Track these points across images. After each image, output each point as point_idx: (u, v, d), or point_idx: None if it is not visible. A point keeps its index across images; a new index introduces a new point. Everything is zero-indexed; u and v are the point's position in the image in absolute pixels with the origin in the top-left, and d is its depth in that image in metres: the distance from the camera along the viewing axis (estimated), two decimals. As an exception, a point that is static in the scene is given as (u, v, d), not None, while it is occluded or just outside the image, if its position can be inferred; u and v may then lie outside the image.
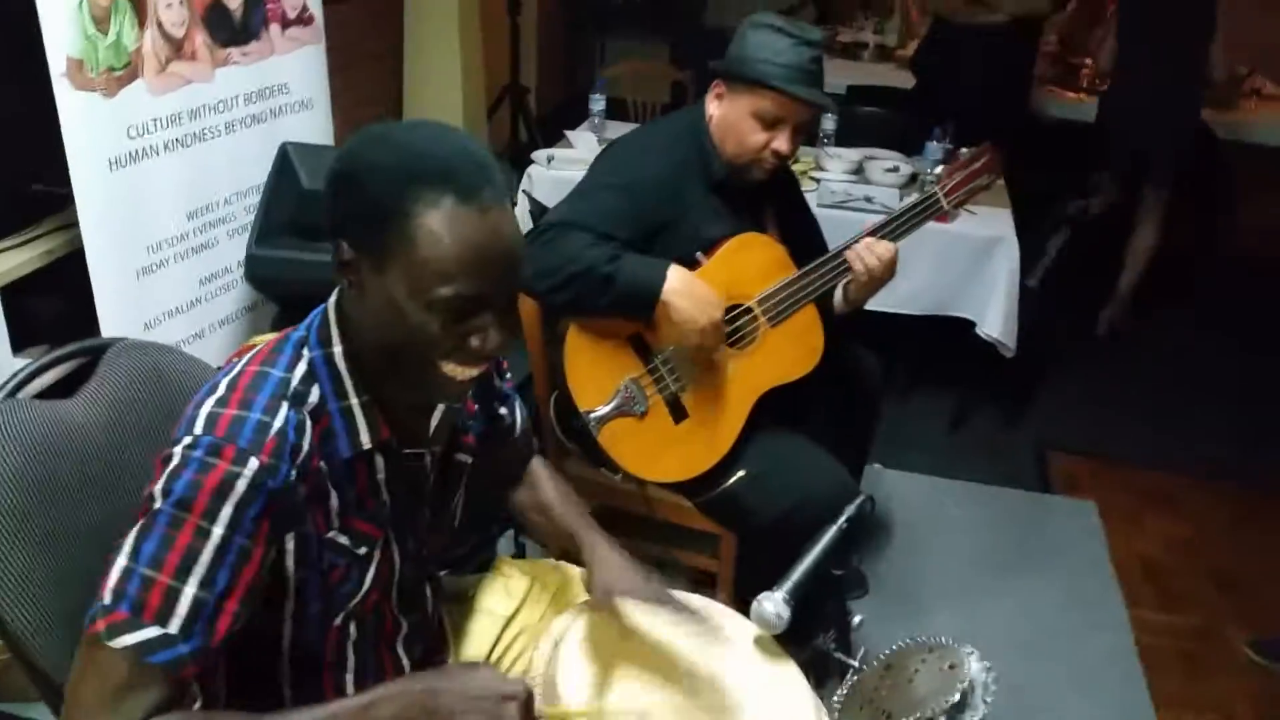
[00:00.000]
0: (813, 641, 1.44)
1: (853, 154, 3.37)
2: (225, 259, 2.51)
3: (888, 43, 4.98)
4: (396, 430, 1.11)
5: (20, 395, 1.28)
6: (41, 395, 1.32)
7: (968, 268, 3.01)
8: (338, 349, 1.06)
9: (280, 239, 2.47)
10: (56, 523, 1.22)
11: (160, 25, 2.16)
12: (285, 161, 2.49)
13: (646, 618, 1.29)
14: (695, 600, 1.40)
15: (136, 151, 2.16)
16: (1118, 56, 3.89)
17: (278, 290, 2.51)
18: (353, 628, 1.15)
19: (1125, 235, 4.15)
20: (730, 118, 1.84)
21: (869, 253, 1.85)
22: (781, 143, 1.81)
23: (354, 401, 1.06)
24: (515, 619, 1.45)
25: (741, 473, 1.88)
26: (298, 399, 1.03)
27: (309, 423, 1.03)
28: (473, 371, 1.04)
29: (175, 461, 0.97)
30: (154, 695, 0.93)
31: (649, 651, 1.28)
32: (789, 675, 1.32)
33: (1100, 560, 2.80)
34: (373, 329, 1.03)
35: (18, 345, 2.14)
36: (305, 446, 1.02)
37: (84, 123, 2.02)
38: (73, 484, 1.27)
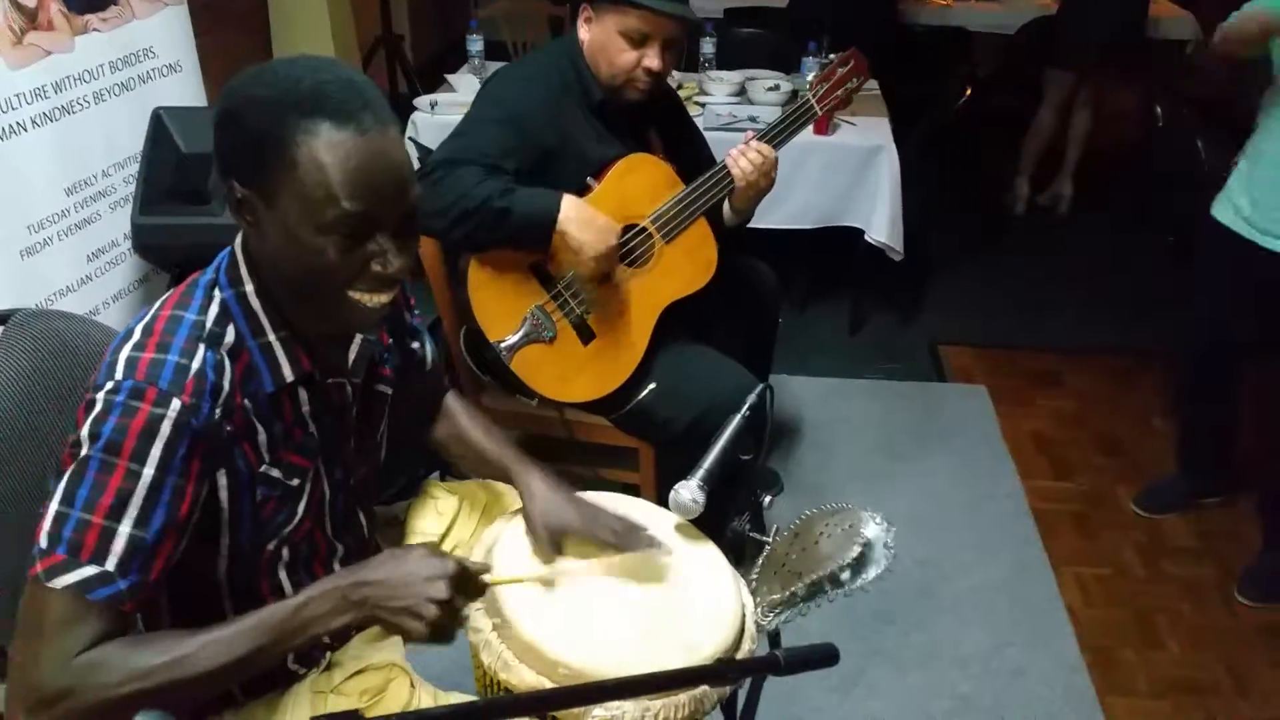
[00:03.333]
0: (729, 525, 1.54)
1: (734, 76, 3.44)
2: (111, 232, 2.46)
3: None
4: (317, 363, 1.14)
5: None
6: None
7: (852, 178, 3.13)
8: (249, 287, 1.09)
9: (164, 205, 2.42)
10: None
11: (13, -2, 2.09)
12: (160, 127, 2.44)
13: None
14: (623, 503, 1.48)
15: (3, 129, 2.10)
16: None
17: (168, 258, 2.47)
18: (285, 552, 1.19)
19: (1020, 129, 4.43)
20: (600, 39, 1.88)
21: (743, 157, 1.92)
22: (652, 59, 1.86)
23: (272, 338, 1.09)
24: (448, 537, 1.51)
25: (652, 386, 1.97)
26: (214, 339, 1.05)
27: (228, 362, 1.06)
28: (381, 298, 1.07)
29: (99, 407, 0.99)
30: (94, 629, 0.96)
31: (576, 543, 1.36)
32: (709, 553, 1.42)
33: (994, 438, 3.00)
34: (277, 264, 1.05)
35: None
36: (226, 385, 1.05)
37: (-58, 102, 1.96)
38: (-10, 452, 1.28)
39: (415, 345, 1.41)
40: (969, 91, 3.46)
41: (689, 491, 1.38)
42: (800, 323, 3.56)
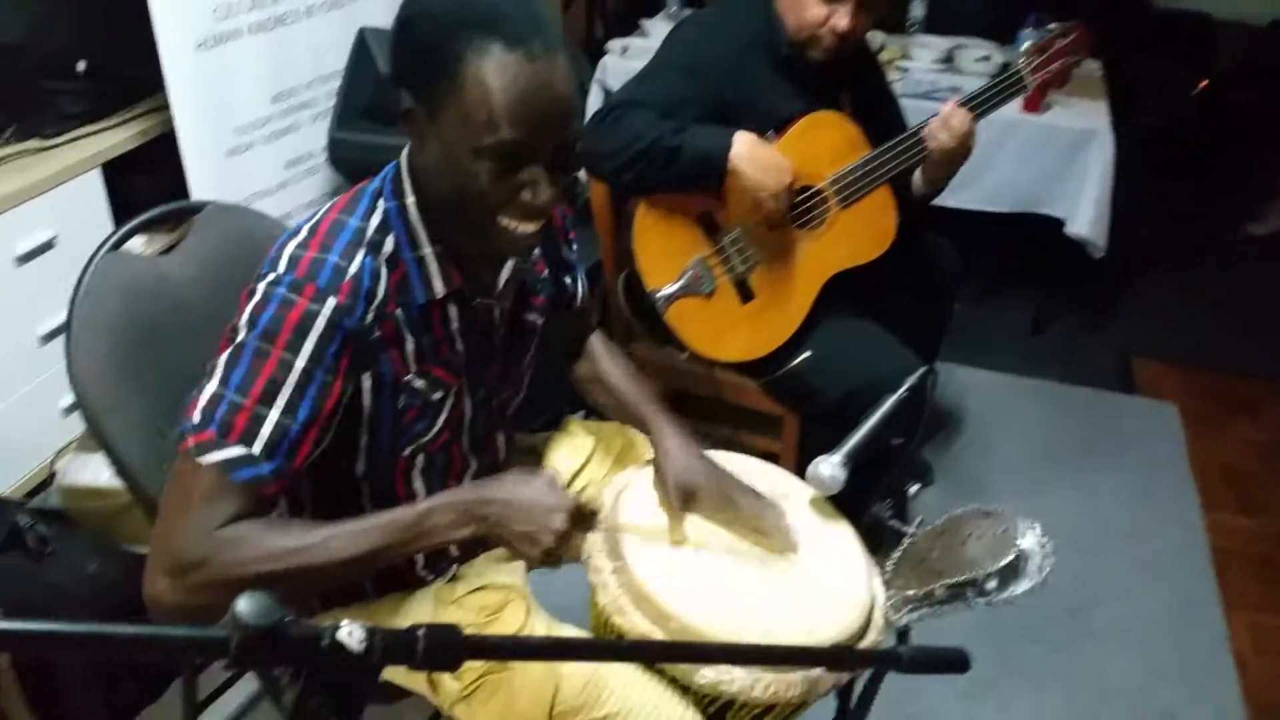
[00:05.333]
0: (868, 509, 1.47)
1: (942, 43, 3.26)
2: (309, 143, 2.57)
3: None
4: (467, 281, 1.15)
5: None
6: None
7: (1058, 163, 2.90)
8: (411, 200, 1.10)
9: (360, 122, 2.52)
10: (163, 370, 1.33)
11: (245, -94, 2.19)
12: (363, 46, 2.53)
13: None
14: (760, 469, 1.44)
15: (223, 33, 2.22)
16: None
17: (359, 172, 2.51)
18: (421, 459, 1.22)
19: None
20: None
21: (943, 125, 1.80)
22: (841, 19, 1.75)
23: (427, 251, 1.11)
24: (580, 474, 1.51)
25: (807, 354, 1.90)
26: (374, 247, 1.08)
27: (385, 270, 1.08)
28: (529, 227, 1.07)
29: (259, 297, 1.03)
30: (235, 506, 1.00)
31: (708, 511, 1.33)
32: (843, 535, 1.36)
33: (1178, 462, 2.76)
34: (434, 179, 1.07)
35: (119, 222, 2.26)
36: (380, 292, 1.07)
37: (172, 5, 2.07)
38: (175, 335, 1.36)
39: (568, 280, 1.40)
40: (1205, 84, 3.14)
41: (830, 468, 1.32)
42: (978, 313, 3.37)
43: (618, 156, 1.73)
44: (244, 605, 0.57)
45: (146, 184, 2.33)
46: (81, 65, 2.35)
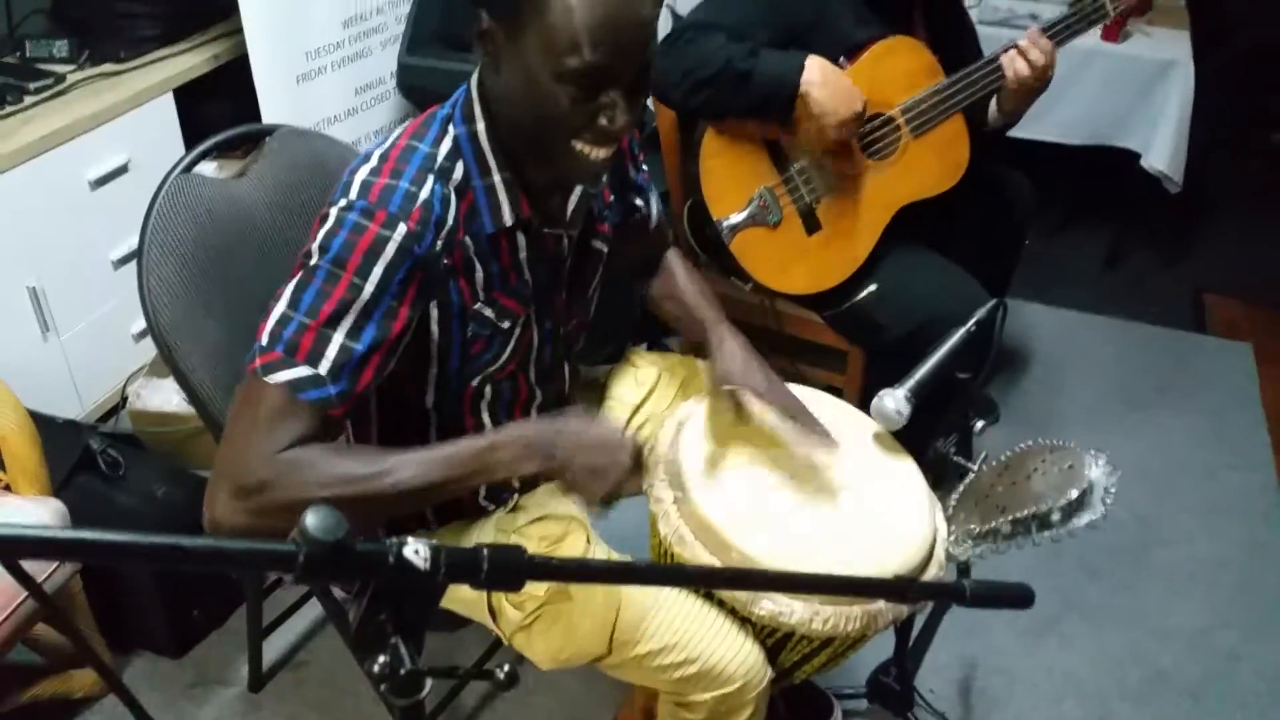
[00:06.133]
0: (932, 444, 1.46)
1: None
2: (379, 69, 2.58)
3: None
4: (536, 210, 1.15)
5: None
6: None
7: (1136, 95, 2.80)
8: (480, 125, 1.10)
9: (430, 48, 2.51)
10: (233, 292, 1.35)
11: None
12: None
13: (764, 413, 1.33)
14: (823, 400, 1.44)
15: (294, -43, 2.22)
16: None
17: (429, 100, 2.53)
18: (488, 390, 1.23)
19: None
20: None
21: (1021, 56, 1.75)
22: None
23: (497, 179, 1.11)
24: (643, 406, 1.53)
25: (873, 287, 1.88)
26: (444, 174, 1.08)
27: (454, 197, 1.08)
28: (603, 152, 1.07)
29: (331, 222, 1.04)
30: (301, 427, 1.01)
31: (768, 439, 1.34)
32: (906, 469, 1.36)
33: (1251, 402, 2.69)
34: (509, 103, 1.06)
35: (191, 146, 2.29)
36: (450, 219, 1.08)
37: (244, -74, 2.08)
38: (245, 256, 1.38)
39: (639, 202, 1.40)
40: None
41: (894, 401, 1.32)
42: (1051, 247, 3.29)
43: (688, 79, 1.70)
44: (312, 520, 0.57)
45: (218, 109, 2.36)
46: (156, -12, 2.36)
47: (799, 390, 1.40)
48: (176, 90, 2.29)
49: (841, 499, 1.28)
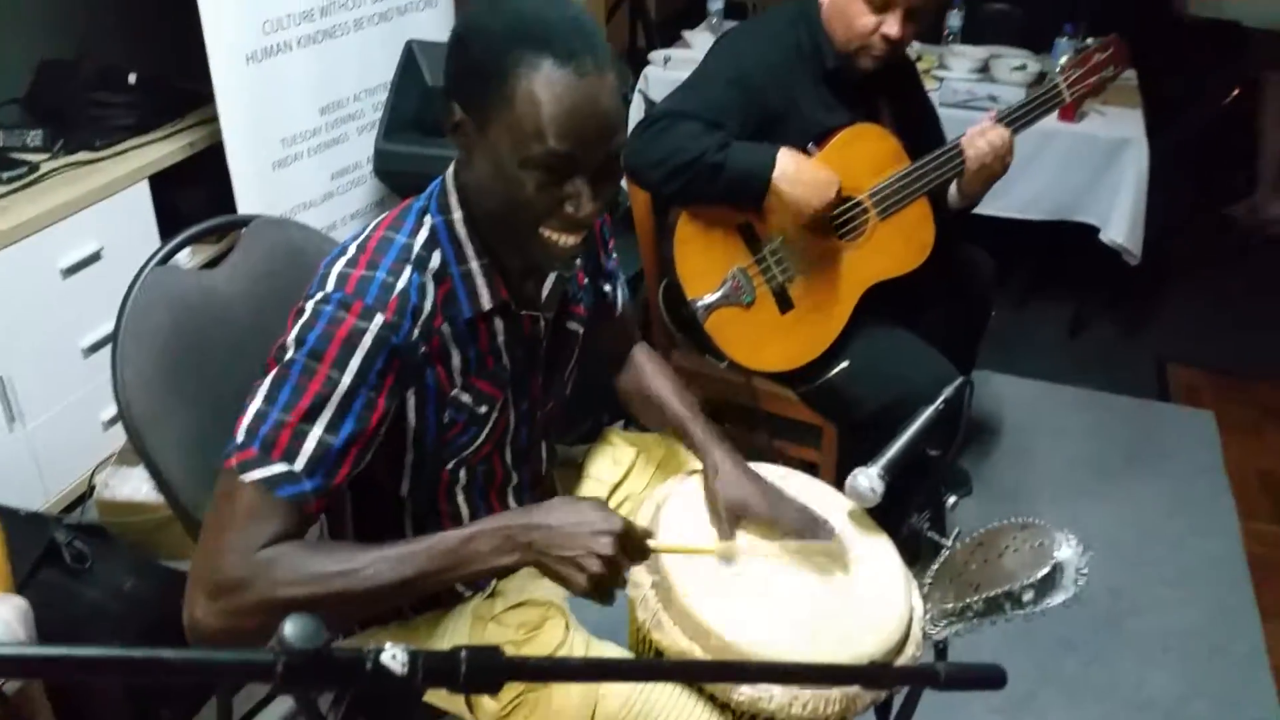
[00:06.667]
0: (907, 521, 1.48)
1: (979, 52, 3.25)
2: (356, 154, 2.62)
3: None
4: (513, 293, 1.17)
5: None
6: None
7: (1094, 171, 2.90)
8: (457, 215, 1.13)
9: (406, 134, 2.56)
10: (207, 383, 1.34)
11: (294, -77, 2.24)
12: (410, 59, 2.57)
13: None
14: (798, 480, 1.45)
15: (272, 46, 2.27)
16: None
17: (404, 184, 2.61)
18: (463, 474, 1.24)
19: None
20: (840, 2, 1.81)
21: (981, 138, 1.82)
22: (891, 26, 1.77)
23: (474, 265, 1.13)
24: (622, 485, 1.53)
25: (845, 364, 1.91)
26: (420, 263, 1.10)
27: (431, 285, 1.10)
28: (571, 239, 1.09)
29: (307, 315, 1.05)
30: (277, 524, 0.99)
31: (748, 525, 1.34)
32: (882, 548, 1.37)
33: (1214, 469, 2.74)
34: (481, 191, 1.09)
35: (165, 234, 2.31)
36: (427, 307, 1.09)
37: (223, 17, 2.12)
38: (220, 348, 1.38)
39: (608, 288, 1.42)
40: (1237, 91, 3.13)
41: (868, 479, 1.33)
42: (1016, 320, 3.36)
43: (662, 167, 1.75)
44: (290, 628, 0.57)
45: (193, 196, 2.38)
46: (133, 78, 2.40)
47: (777, 471, 1.41)
48: (152, 177, 2.31)
49: (820, 580, 1.29)
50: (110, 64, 2.43)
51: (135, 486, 2.07)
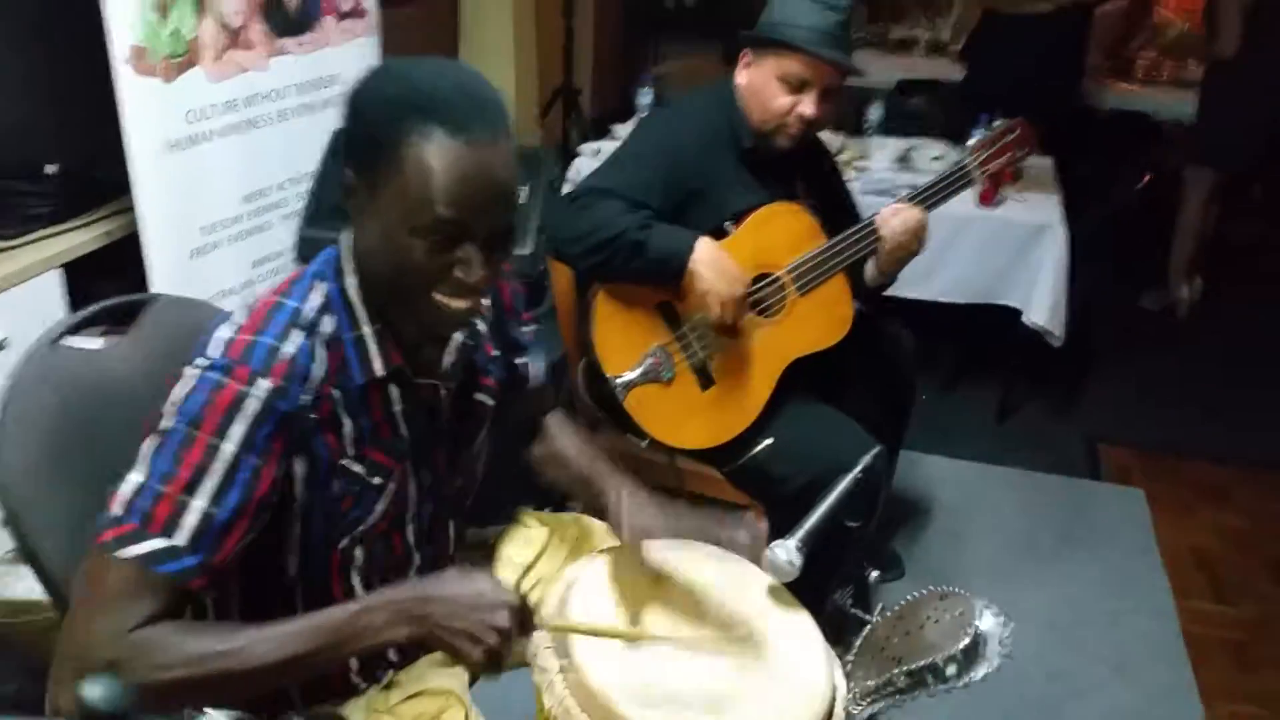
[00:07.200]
0: (829, 598, 1.44)
1: (899, 144, 3.36)
2: (278, 242, 2.59)
3: (941, 38, 4.94)
4: (411, 361, 1.14)
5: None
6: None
7: (1014, 255, 2.98)
8: (351, 280, 1.10)
9: (330, 222, 2.55)
10: (98, 465, 1.26)
11: (219, 15, 2.25)
12: (336, 146, 2.57)
13: (675, 558, 1.29)
14: (714, 554, 1.41)
15: (194, 136, 2.25)
16: (1247, 38, 3.66)
17: None
18: (358, 553, 1.18)
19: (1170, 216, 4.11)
20: (756, 83, 1.86)
21: (895, 217, 1.85)
22: (808, 106, 1.82)
23: (367, 330, 1.10)
24: (534, 567, 1.48)
25: (769, 441, 1.89)
26: (311, 328, 1.07)
27: (322, 350, 1.07)
28: (461, 304, 1.07)
29: (187, 381, 1.01)
30: (154, 603, 0.95)
31: (660, 595, 1.29)
32: (802, 625, 1.33)
33: (1147, 548, 2.74)
34: (372, 256, 1.07)
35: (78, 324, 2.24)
36: (318, 373, 1.06)
37: (144, 107, 2.11)
38: (114, 429, 1.31)
39: (520, 361, 1.39)
40: (1148, 178, 3.26)
41: (786, 552, 1.30)
42: (945, 404, 3.39)
43: (583, 242, 1.76)
44: (90, 690, 0.53)
45: (109, 285, 2.32)
46: (51, 168, 2.36)
47: (693, 544, 1.37)
48: (68, 267, 2.26)
49: (739, 660, 1.24)
50: (29, 152, 2.39)
51: (30, 585, 1.95)
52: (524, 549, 1.49)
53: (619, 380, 1.82)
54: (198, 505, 0.97)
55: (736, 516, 1.30)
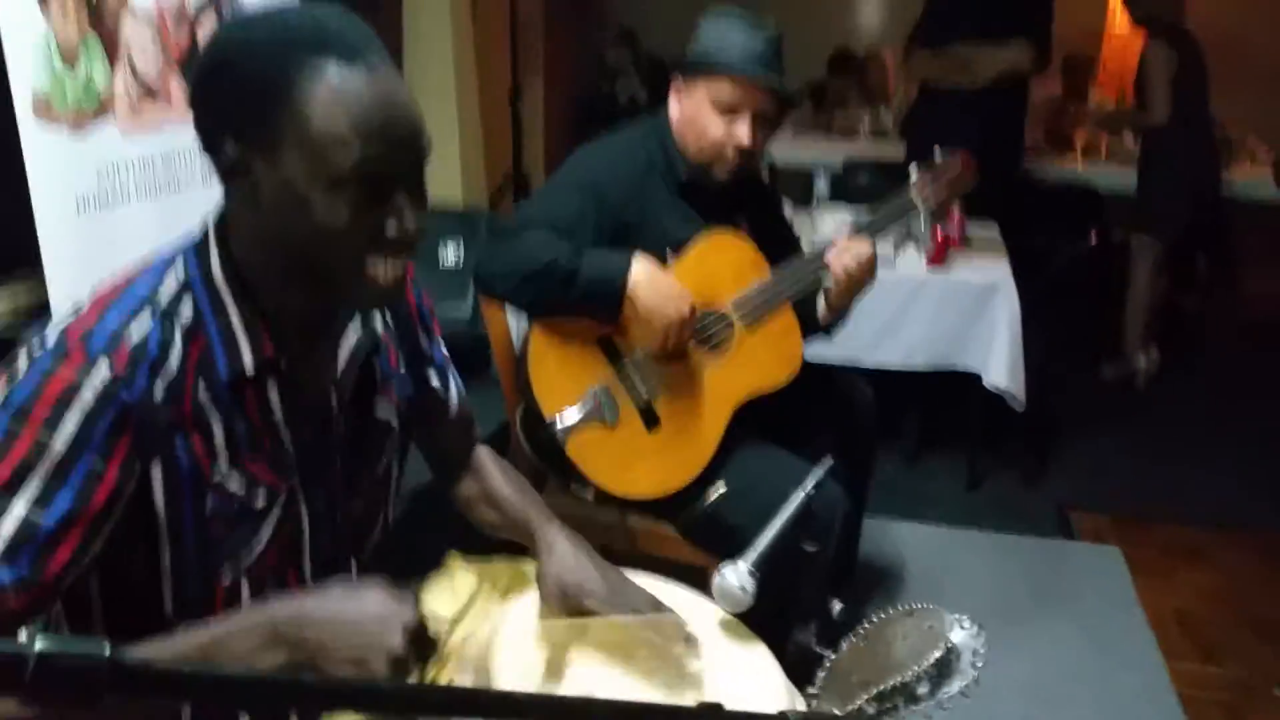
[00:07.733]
0: (792, 635, 1.30)
1: (846, 213, 3.34)
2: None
3: (884, 125, 5.02)
4: (286, 354, 1.00)
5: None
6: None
7: (968, 315, 2.93)
8: (215, 263, 0.97)
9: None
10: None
11: (133, 68, 2.17)
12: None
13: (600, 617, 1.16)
14: (659, 588, 1.28)
15: (106, 193, 2.14)
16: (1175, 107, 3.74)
17: None
18: (245, 590, 1.01)
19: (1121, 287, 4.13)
20: (689, 111, 1.80)
21: (846, 252, 1.78)
22: (741, 131, 1.75)
23: (234, 318, 0.96)
24: (462, 622, 1.30)
25: (722, 488, 1.76)
26: (167, 315, 0.93)
27: (180, 339, 0.93)
28: (396, 271, 0.94)
29: (14, 369, 0.87)
30: None
31: (601, 640, 1.15)
32: (758, 661, 1.19)
33: (1128, 603, 2.62)
34: (274, 232, 0.93)
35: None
36: (174, 364, 0.92)
37: (51, 160, 2.00)
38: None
39: (436, 383, 1.25)
40: (1095, 234, 3.27)
41: (737, 576, 1.17)
42: (912, 474, 3.27)
43: (514, 276, 1.66)
44: None
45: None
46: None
47: (642, 577, 1.25)
48: (-30, 337, 2.12)
49: (683, 696, 1.09)
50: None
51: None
52: (450, 600, 1.31)
53: (559, 424, 1.68)
54: (17, 509, 0.83)
55: (676, 625, 1.16)
